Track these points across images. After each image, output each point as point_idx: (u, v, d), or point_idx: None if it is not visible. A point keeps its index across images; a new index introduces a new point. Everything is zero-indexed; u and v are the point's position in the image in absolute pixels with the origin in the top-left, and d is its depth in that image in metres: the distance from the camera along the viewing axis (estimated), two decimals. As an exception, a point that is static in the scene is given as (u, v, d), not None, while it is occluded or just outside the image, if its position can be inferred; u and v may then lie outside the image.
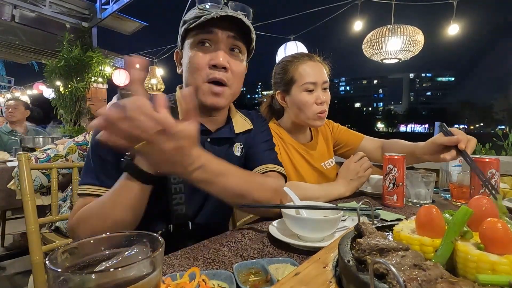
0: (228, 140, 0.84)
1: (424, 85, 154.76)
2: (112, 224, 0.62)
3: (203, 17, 0.69)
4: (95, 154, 0.70)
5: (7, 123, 3.39)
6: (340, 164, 1.19)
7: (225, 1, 0.74)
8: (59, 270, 0.27)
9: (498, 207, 0.40)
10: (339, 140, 1.38)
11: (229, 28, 0.73)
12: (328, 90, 1.19)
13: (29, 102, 4.76)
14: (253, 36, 0.78)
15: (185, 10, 0.77)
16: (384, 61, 3.06)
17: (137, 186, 0.59)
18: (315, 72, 1.15)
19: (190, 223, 0.74)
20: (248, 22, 0.73)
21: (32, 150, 2.41)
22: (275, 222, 0.71)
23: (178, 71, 0.81)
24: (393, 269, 0.25)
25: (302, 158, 1.23)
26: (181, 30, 0.76)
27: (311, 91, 1.14)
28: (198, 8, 0.72)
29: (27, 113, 3.47)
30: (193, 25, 0.71)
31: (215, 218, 0.84)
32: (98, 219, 0.63)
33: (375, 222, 0.55)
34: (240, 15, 0.71)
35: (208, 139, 0.81)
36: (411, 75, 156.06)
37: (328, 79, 1.18)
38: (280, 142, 1.20)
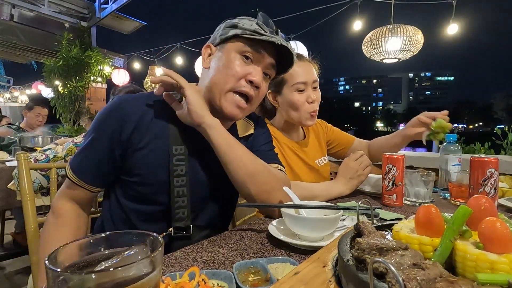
0: None
1: (423, 84, 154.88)
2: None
3: (264, 36, 0.72)
4: (90, 140, 0.73)
5: (19, 123, 3.31)
6: (335, 163, 1.19)
7: (276, 29, 0.78)
8: (59, 269, 0.27)
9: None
10: (332, 139, 1.42)
11: (275, 56, 0.78)
12: (318, 89, 1.21)
13: (28, 102, 4.73)
14: (290, 70, 0.83)
15: (241, 16, 0.78)
16: (384, 60, 3.05)
17: None
18: (305, 71, 1.16)
19: (191, 226, 0.74)
20: (295, 59, 0.79)
21: (31, 149, 2.41)
22: (274, 222, 0.71)
23: (205, 64, 0.81)
24: (393, 268, 0.26)
25: (296, 157, 1.24)
26: (228, 30, 0.75)
27: (301, 90, 1.16)
28: (257, 24, 0.74)
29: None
30: (249, 36, 0.72)
31: (216, 221, 0.84)
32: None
33: (375, 221, 0.56)
34: (294, 51, 0.77)
35: None
36: (411, 75, 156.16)
37: (318, 78, 1.20)
38: (274, 142, 1.20)
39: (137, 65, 6.14)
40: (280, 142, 1.22)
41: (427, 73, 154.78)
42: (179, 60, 5.38)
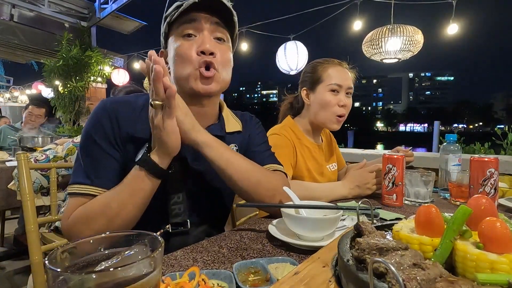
0: (219, 138, 0.82)
1: (423, 84, 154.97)
2: (120, 223, 0.64)
3: (184, 3, 0.70)
4: (85, 150, 0.70)
5: (21, 122, 3.32)
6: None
7: None
8: (59, 269, 0.27)
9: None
10: (336, 155, 1.47)
11: (211, 14, 0.74)
12: (351, 97, 1.26)
13: (28, 102, 4.71)
14: (236, 19, 0.77)
15: (165, 8, 0.77)
16: (384, 61, 3.05)
17: (151, 182, 0.65)
18: (342, 76, 1.22)
19: (188, 221, 0.74)
20: (228, 4, 0.73)
21: (31, 149, 2.41)
22: (274, 222, 0.71)
23: None
24: (393, 268, 0.26)
25: (313, 159, 1.25)
26: (164, 27, 0.76)
27: (335, 92, 1.21)
28: (178, 0, 0.72)
29: (45, 120, 3.34)
30: (175, 15, 0.71)
31: (213, 216, 0.85)
32: (104, 219, 0.63)
33: (375, 221, 0.56)
34: None
35: None
36: (411, 75, 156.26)
37: (352, 86, 1.25)
38: (296, 143, 1.21)
39: (137, 65, 6.13)
40: (302, 144, 1.23)
41: (427, 73, 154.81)
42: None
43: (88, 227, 0.64)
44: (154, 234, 0.35)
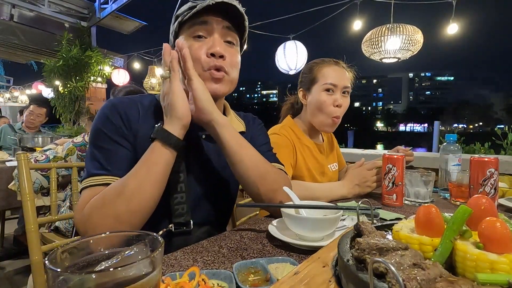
0: None
1: (423, 84, 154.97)
2: (138, 204, 0.62)
3: (198, 5, 0.70)
4: (96, 145, 0.70)
5: (22, 122, 3.33)
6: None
7: None
8: (59, 269, 0.27)
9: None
10: (337, 155, 1.47)
11: (223, 18, 0.75)
12: (348, 96, 1.24)
13: (28, 102, 4.71)
14: (247, 24, 0.79)
15: (177, 7, 0.77)
16: (383, 60, 3.05)
17: (168, 153, 0.65)
18: (338, 75, 1.20)
19: (192, 221, 0.74)
20: (241, 9, 0.74)
21: (31, 150, 2.41)
22: (274, 222, 0.71)
23: None
24: (393, 268, 0.26)
25: (314, 159, 1.25)
26: (174, 26, 0.77)
27: (330, 92, 1.19)
28: (191, 1, 0.73)
29: (45, 119, 3.37)
30: (187, 16, 0.72)
31: (216, 217, 0.85)
32: (122, 200, 0.61)
33: (375, 221, 0.56)
34: (234, 1, 0.73)
35: (203, 136, 0.81)
36: (411, 75, 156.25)
37: (349, 85, 1.23)
38: (296, 142, 1.21)
39: (137, 65, 6.15)
40: (302, 144, 1.23)
41: (427, 73, 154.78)
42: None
43: (106, 213, 0.61)
44: (154, 234, 0.35)
